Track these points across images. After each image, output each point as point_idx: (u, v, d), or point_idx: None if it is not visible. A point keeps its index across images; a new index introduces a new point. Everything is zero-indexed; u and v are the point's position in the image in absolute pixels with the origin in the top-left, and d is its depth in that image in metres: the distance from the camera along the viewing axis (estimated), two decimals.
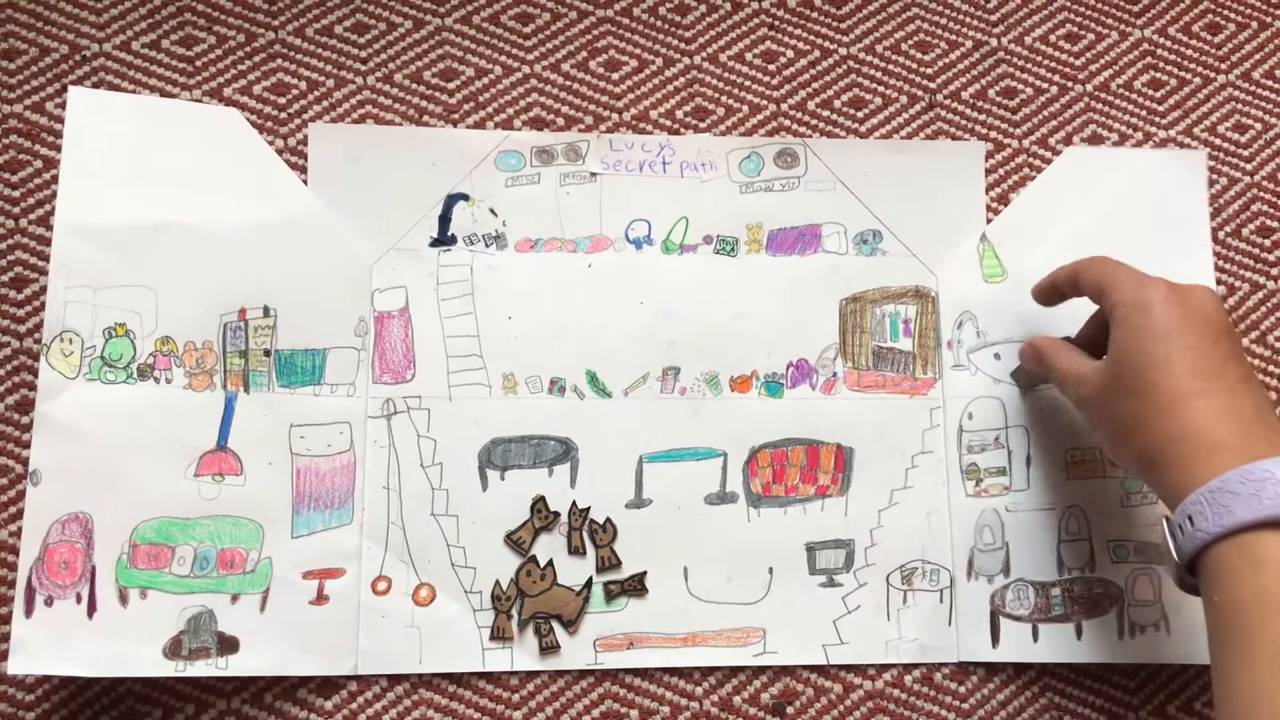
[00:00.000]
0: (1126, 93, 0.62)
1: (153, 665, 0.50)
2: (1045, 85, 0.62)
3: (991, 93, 0.61)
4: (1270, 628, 0.39)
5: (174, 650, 0.50)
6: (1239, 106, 0.63)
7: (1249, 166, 0.62)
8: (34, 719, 0.51)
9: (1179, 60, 0.63)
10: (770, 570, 0.55)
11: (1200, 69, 0.63)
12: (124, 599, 0.50)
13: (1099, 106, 0.62)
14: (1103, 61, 0.63)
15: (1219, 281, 0.60)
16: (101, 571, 0.50)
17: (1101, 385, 0.47)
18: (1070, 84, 0.62)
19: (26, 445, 0.53)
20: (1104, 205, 0.59)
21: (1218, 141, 0.62)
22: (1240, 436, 0.42)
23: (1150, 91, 0.62)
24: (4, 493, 0.53)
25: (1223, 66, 0.63)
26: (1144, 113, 0.62)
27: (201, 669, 0.50)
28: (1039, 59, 0.62)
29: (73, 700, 0.52)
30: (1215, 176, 0.62)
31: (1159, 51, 0.63)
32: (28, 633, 0.48)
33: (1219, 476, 0.41)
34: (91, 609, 0.50)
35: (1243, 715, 0.39)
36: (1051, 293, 0.53)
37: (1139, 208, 0.47)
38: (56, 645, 0.49)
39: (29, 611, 0.49)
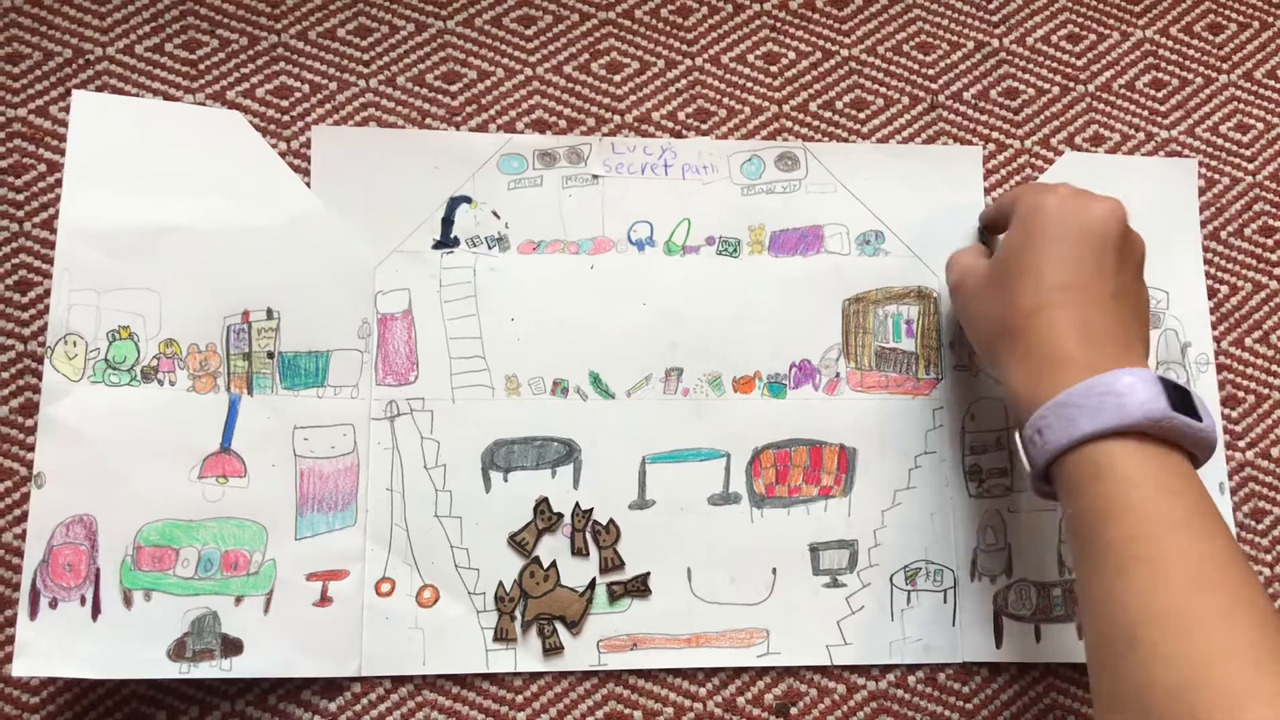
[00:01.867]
0: (1128, 93, 0.62)
1: (157, 667, 0.50)
2: (1047, 86, 0.62)
3: (993, 93, 0.61)
4: (1110, 534, 0.41)
5: (178, 652, 0.50)
6: (1241, 106, 0.63)
7: (1251, 166, 0.62)
8: None
9: (1181, 60, 0.63)
10: (774, 571, 0.55)
11: (1202, 69, 0.63)
12: (128, 601, 0.50)
13: (1100, 107, 0.62)
14: (1104, 62, 0.63)
15: (1221, 282, 0.60)
16: (106, 573, 0.50)
17: (982, 279, 0.49)
18: (1072, 84, 0.62)
19: (31, 448, 0.53)
20: None
21: (1220, 141, 0.62)
22: (1087, 351, 0.44)
23: (1152, 92, 0.62)
24: (8, 495, 0.53)
25: (1224, 66, 0.63)
26: (1146, 113, 0.62)
27: (205, 671, 0.50)
28: (1040, 59, 0.62)
29: (77, 702, 0.52)
30: (1217, 176, 0.62)
31: (1160, 52, 0.63)
32: (32, 635, 0.48)
33: (1065, 390, 0.43)
34: (96, 611, 0.50)
35: (1096, 618, 0.41)
36: (997, 217, 0.54)
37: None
38: (61, 647, 0.49)
39: (33, 614, 0.49)
